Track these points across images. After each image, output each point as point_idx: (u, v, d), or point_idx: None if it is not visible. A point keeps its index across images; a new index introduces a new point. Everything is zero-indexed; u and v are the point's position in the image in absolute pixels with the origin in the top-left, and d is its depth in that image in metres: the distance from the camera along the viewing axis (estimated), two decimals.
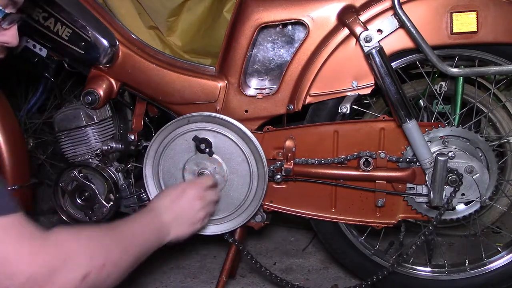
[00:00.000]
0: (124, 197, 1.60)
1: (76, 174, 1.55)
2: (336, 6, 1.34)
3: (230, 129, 1.40)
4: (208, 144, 1.38)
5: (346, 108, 1.37)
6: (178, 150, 1.43)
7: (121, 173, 1.59)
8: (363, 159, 1.39)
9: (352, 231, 1.55)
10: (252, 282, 1.75)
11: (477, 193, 1.38)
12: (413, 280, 1.55)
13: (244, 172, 1.42)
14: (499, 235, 1.95)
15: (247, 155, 1.40)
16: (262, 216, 1.50)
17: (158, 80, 1.47)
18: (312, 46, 1.36)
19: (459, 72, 1.31)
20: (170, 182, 1.45)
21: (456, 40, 1.31)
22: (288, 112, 1.42)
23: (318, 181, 1.44)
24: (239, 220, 1.47)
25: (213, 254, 1.94)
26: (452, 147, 1.38)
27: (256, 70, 1.46)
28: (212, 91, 1.44)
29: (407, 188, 1.42)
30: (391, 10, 1.31)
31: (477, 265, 1.52)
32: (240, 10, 1.39)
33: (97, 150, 1.56)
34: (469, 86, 1.83)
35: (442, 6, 1.30)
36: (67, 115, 1.56)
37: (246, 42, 1.39)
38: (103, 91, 1.49)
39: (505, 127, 1.85)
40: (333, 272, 1.80)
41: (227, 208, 1.45)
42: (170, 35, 1.62)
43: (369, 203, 1.45)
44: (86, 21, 1.44)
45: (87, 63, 1.49)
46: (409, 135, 1.35)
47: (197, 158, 1.42)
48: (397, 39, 1.33)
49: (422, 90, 1.81)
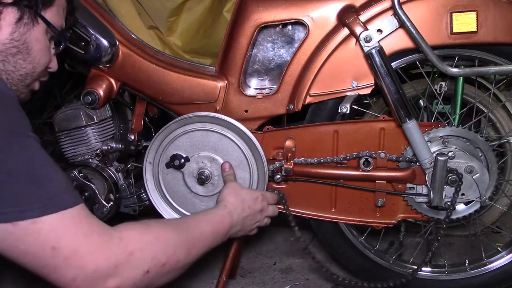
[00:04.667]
0: (124, 197, 1.60)
1: (76, 174, 1.55)
2: (336, 6, 1.34)
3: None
4: (179, 157, 1.40)
5: (346, 108, 1.37)
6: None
7: (121, 173, 1.59)
8: (363, 159, 1.39)
9: (352, 231, 1.55)
10: (252, 282, 1.75)
11: (477, 193, 1.38)
12: (413, 280, 1.55)
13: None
14: (499, 235, 1.95)
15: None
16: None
17: (158, 80, 1.47)
18: (312, 46, 1.36)
19: (459, 72, 1.31)
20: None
21: (456, 40, 1.31)
22: (288, 112, 1.42)
23: (318, 181, 1.44)
24: None
25: (213, 254, 1.93)
26: (452, 147, 1.38)
27: (256, 70, 1.46)
28: (212, 91, 1.44)
29: (407, 188, 1.42)
30: (391, 10, 1.31)
31: (477, 265, 1.52)
32: (240, 10, 1.39)
33: (97, 150, 1.56)
34: (469, 86, 1.83)
35: (442, 6, 1.30)
36: (67, 115, 1.56)
37: (246, 42, 1.39)
38: (103, 91, 1.49)
39: (505, 127, 1.85)
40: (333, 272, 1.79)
41: None
42: (170, 35, 1.62)
43: (369, 203, 1.45)
44: (86, 21, 1.44)
45: (87, 63, 1.49)
46: (409, 135, 1.35)
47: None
48: (397, 39, 1.33)
49: (422, 90, 1.81)
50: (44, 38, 1.04)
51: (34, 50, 1.02)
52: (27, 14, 0.99)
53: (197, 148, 1.41)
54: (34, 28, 1.01)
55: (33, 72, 1.05)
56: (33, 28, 1.01)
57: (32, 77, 1.06)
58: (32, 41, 1.01)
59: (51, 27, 1.04)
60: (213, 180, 1.43)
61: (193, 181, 1.43)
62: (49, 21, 1.03)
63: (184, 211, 1.46)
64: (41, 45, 1.04)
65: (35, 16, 1.00)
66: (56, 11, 1.05)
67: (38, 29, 1.02)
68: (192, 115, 1.39)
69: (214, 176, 1.42)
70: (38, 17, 1.01)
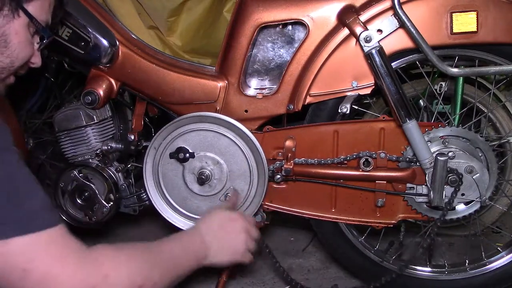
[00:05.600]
0: (124, 197, 1.60)
1: (76, 174, 1.55)
2: (336, 6, 1.34)
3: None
4: (184, 150, 1.40)
5: (346, 108, 1.37)
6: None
7: (121, 173, 1.59)
8: (363, 159, 1.39)
9: (352, 231, 1.55)
10: (252, 282, 1.75)
11: (477, 193, 1.38)
12: (413, 280, 1.55)
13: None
14: (499, 235, 1.95)
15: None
16: (262, 216, 1.50)
17: (158, 80, 1.47)
18: (312, 46, 1.36)
19: (459, 72, 1.31)
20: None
21: (456, 40, 1.31)
22: (288, 112, 1.42)
23: (318, 181, 1.44)
24: None
25: None
26: (452, 147, 1.38)
27: (256, 70, 1.46)
28: (212, 91, 1.44)
29: (407, 188, 1.42)
30: (391, 10, 1.31)
31: (477, 265, 1.52)
32: (240, 10, 1.39)
33: (97, 150, 1.56)
34: (469, 86, 1.83)
35: (442, 6, 1.30)
36: (67, 115, 1.56)
37: (246, 42, 1.39)
38: (103, 91, 1.49)
39: (505, 127, 1.84)
40: (333, 272, 1.80)
41: None
42: (170, 35, 1.62)
43: (369, 203, 1.46)
44: (86, 21, 1.45)
45: (87, 63, 1.49)
46: (409, 135, 1.35)
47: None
48: (397, 39, 1.33)
49: (422, 90, 1.81)
50: (25, 31, 0.99)
51: (13, 44, 0.97)
52: (7, 5, 0.94)
53: (204, 148, 1.41)
54: (14, 20, 0.96)
55: (11, 66, 1.00)
56: (13, 21, 0.96)
57: (9, 71, 1.01)
58: (11, 34, 0.96)
59: (34, 21, 0.99)
60: (211, 182, 1.43)
61: (192, 178, 1.43)
62: (31, 15, 0.98)
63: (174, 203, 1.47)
64: (20, 39, 0.98)
65: (16, 8, 0.95)
66: (40, 5, 1.00)
67: (19, 22, 0.97)
68: (192, 115, 1.39)
69: (213, 179, 1.42)
70: (20, 10, 0.96)
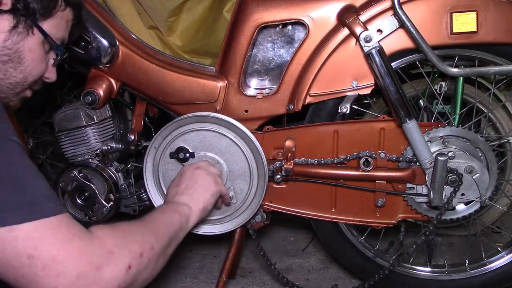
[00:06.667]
0: (124, 197, 1.60)
1: (76, 174, 1.55)
2: (336, 6, 1.34)
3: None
4: (184, 150, 1.40)
5: (346, 108, 1.37)
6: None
7: (121, 173, 1.59)
8: (363, 159, 1.39)
9: (352, 231, 1.55)
10: (252, 282, 1.75)
11: (477, 193, 1.38)
12: (413, 280, 1.55)
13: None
14: (499, 235, 1.95)
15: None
16: (262, 216, 1.50)
17: (158, 80, 1.47)
18: (312, 46, 1.36)
19: (459, 72, 1.31)
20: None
21: (456, 40, 1.31)
22: (288, 112, 1.42)
23: (318, 181, 1.44)
24: (239, 220, 1.47)
25: (213, 254, 1.93)
26: (452, 147, 1.38)
27: (256, 70, 1.46)
28: (212, 91, 1.44)
29: (407, 188, 1.42)
30: (391, 10, 1.31)
31: (477, 265, 1.52)
32: (240, 10, 1.39)
33: (97, 150, 1.56)
34: (469, 86, 1.83)
35: (442, 6, 1.30)
36: (67, 115, 1.56)
37: (246, 42, 1.39)
38: (103, 91, 1.49)
39: (505, 127, 1.85)
40: (333, 272, 1.80)
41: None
42: (170, 35, 1.62)
43: (369, 203, 1.45)
44: (86, 21, 1.44)
45: (87, 63, 1.49)
46: (409, 135, 1.35)
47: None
48: (397, 39, 1.33)
49: (422, 90, 1.81)
50: (40, 48, 1.02)
51: (26, 60, 1.00)
52: (22, 23, 0.97)
53: (205, 147, 1.41)
54: (29, 38, 0.99)
55: (24, 81, 1.03)
56: (28, 38, 0.99)
57: (23, 86, 1.04)
58: (25, 51, 0.99)
59: (48, 39, 1.02)
60: None
61: None
62: (46, 32, 1.01)
63: None
64: (34, 55, 1.02)
65: (31, 26, 0.99)
66: (56, 22, 1.04)
67: (33, 39, 1.00)
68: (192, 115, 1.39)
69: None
70: (35, 27, 0.99)
